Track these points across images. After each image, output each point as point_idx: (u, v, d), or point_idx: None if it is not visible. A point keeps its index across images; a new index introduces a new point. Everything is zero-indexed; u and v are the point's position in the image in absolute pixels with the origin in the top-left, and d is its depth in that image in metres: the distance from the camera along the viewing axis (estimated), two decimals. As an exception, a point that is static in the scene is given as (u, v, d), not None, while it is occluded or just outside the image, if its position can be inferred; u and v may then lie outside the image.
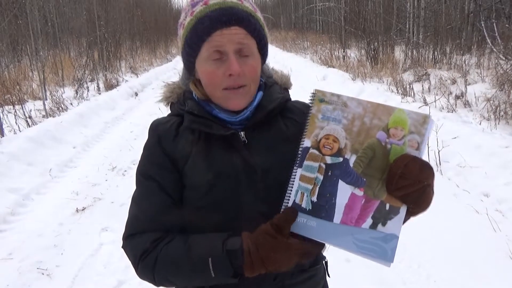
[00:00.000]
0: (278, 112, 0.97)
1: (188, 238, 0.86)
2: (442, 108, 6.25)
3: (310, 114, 0.80)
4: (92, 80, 10.07)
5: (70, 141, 5.62)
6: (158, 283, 0.88)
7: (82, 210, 3.68)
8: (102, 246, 3.07)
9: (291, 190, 0.80)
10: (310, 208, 0.78)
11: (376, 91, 7.85)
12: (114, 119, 7.30)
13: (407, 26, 12.41)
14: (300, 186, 0.79)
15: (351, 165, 0.77)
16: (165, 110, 1.03)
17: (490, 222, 3.08)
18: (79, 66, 9.91)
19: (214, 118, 0.92)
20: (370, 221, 0.75)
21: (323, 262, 1.05)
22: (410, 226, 0.87)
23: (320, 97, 0.80)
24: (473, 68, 8.50)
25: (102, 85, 9.86)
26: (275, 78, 1.03)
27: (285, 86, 1.04)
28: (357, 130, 0.77)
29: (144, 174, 0.94)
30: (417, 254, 2.74)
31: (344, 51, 13.57)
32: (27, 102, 7.77)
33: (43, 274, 2.75)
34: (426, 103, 6.47)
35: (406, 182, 0.72)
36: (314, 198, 0.78)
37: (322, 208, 0.77)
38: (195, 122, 0.91)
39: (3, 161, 4.35)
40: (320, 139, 0.79)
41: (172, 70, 14.43)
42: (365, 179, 0.76)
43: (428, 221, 0.74)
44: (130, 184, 3.21)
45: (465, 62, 8.68)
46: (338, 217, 0.77)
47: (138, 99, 9.27)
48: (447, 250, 2.79)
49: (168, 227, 0.89)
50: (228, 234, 0.82)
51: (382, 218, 0.75)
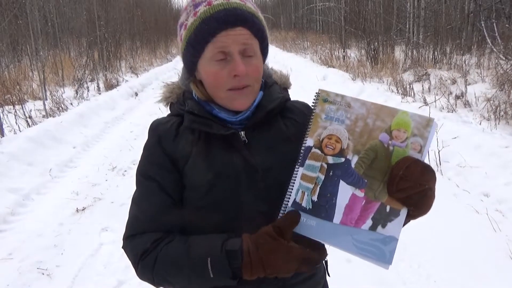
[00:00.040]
0: (278, 112, 0.97)
1: (188, 238, 0.85)
2: (442, 108, 6.25)
3: (313, 114, 0.80)
4: (92, 80, 10.07)
5: (70, 141, 5.61)
6: (157, 284, 0.88)
7: (82, 210, 3.68)
8: (102, 246, 3.07)
9: (292, 189, 0.80)
10: (310, 207, 0.78)
11: (376, 91, 7.84)
12: (114, 119, 7.29)
13: (407, 26, 12.41)
14: (301, 185, 0.79)
15: (353, 166, 0.76)
16: (165, 110, 1.03)
17: (490, 222, 3.08)
18: (79, 66, 9.90)
19: (214, 117, 0.92)
20: (370, 222, 0.75)
21: (323, 261, 1.05)
22: (411, 226, 0.87)
23: (324, 97, 0.80)
24: (473, 68, 8.49)
25: (102, 85, 9.85)
26: (275, 78, 1.03)
27: (284, 86, 1.04)
28: (360, 131, 0.77)
29: (144, 174, 0.94)
30: (417, 254, 2.74)
31: (344, 51, 13.56)
32: (27, 102, 7.77)
33: (43, 274, 2.75)
34: (426, 103, 6.47)
35: (407, 184, 0.71)
36: (315, 198, 0.78)
37: (322, 208, 0.77)
38: (196, 121, 0.91)
39: (3, 161, 4.35)
40: (322, 139, 0.79)
41: (172, 70, 14.42)
42: (366, 180, 0.75)
43: (428, 221, 0.74)
44: (130, 184, 3.21)
45: (465, 62, 8.68)
46: (338, 217, 0.76)
47: (138, 99, 9.26)
48: (447, 250, 2.79)
49: (168, 228, 0.89)
50: (228, 235, 0.82)
51: (382, 220, 0.75)
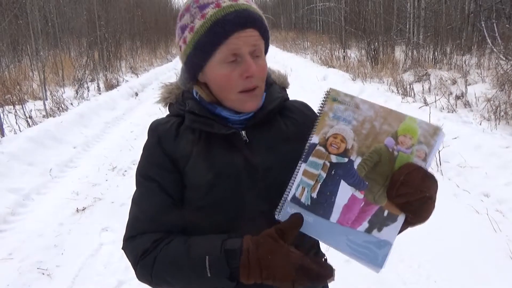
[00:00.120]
0: (277, 111, 0.97)
1: (188, 238, 0.85)
2: (443, 108, 6.25)
3: (322, 111, 0.80)
4: (92, 80, 10.07)
5: (70, 141, 5.62)
6: (155, 285, 0.87)
7: (82, 210, 3.68)
8: (102, 246, 3.07)
9: (293, 183, 0.80)
10: (309, 203, 0.78)
11: (376, 91, 7.84)
12: (114, 119, 7.30)
13: (407, 26, 12.41)
14: (302, 181, 0.79)
15: (355, 167, 0.76)
16: (165, 110, 1.03)
17: (490, 222, 3.08)
18: (80, 66, 9.91)
19: (215, 117, 0.92)
20: (366, 224, 0.75)
21: (323, 259, 1.05)
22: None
23: (333, 96, 0.80)
24: (473, 68, 8.49)
25: (102, 85, 9.86)
26: (273, 78, 1.03)
27: (282, 86, 1.04)
28: (366, 133, 0.77)
29: (144, 174, 0.93)
30: (417, 254, 2.74)
31: (344, 51, 13.56)
32: (28, 102, 7.78)
33: (43, 274, 2.75)
34: (426, 104, 6.46)
35: (407, 190, 0.71)
36: (314, 195, 0.78)
37: (321, 205, 0.77)
38: (197, 121, 0.91)
39: (4, 161, 4.35)
40: (328, 137, 0.79)
41: (172, 70, 14.43)
42: (367, 183, 0.75)
43: (428, 221, 0.74)
44: (130, 184, 3.21)
45: (465, 62, 8.67)
46: (335, 216, 0.76)
47: (138, 99, 9.27)
48: (447, 250, 2.79)
49: (168, 228, 0.89)
50: (229, 235, 0.81)
51: (378, 223, 0.74)
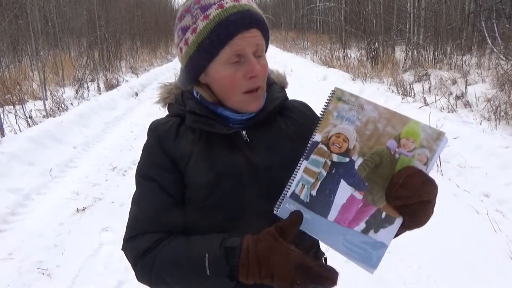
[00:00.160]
0: (277, 111, 0.98)
1: (189, 237, 0.85)
2: (443, 108, 6.25)
3: (326, 110, 0.80)
4: (92, 80, 10.07)
5: (70, 141, 5.62)
6: (155, 285, 0.87)
7: (83, 210, 3.68)
8: (102, 246, 3.07)
9: (293, 180, 0.80)
10: (308, 201, 0.78)
11: (376, 91, 7.84)
12: (115, 119, 7.30)
13: (408, 26, 12.40)
14: (302, 178, 0.79)
15: (356, 167, 0.76)
16: (165, 110, 1.03)
17: (491, 222, 3.08)
18: (80, 66, 9.91)
19: (216, 117, 0.92)
20: (363, 225, 0.75)
21: (323, 258, 1.05)
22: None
23: (338, 95, 0.80)
24: (473, 68, 8.49)
25: (102, 85, 9.86)
26: (272, 77, 1.04)
27: (281, 85, 1.05)
28: (368, 134, 0.77)
29: (144, 175, 0.93)
30: (417, 254, 2.74)
31: (344, 51, 13.56)
32: (28, 102, 7.77)
33: (43, 274, 2.75)
34: (426, 104, 6.46)
35: (405, 193, 0.71)
36: (314, 192, 0.78)
37: (319, 203, 0.78)
38: (198, 121, 0.91)
39: (4, 161, 4.35)
40: (330, 136, 0.79)
41: (172, 70, 14.44)
42: (367, 184, 0.76)
43: (428, 221, 0.74)
44: (130, 184, 3.21)
45: (465, 62, 8.67)
46: (333, 215, 0.77)
47: (138, 99, 9.27)
48: (447, 250, 2.79)
49: (169, 228, 0.88)
50: (229, 234, 0.81)
51: (375, 225, 0.75)
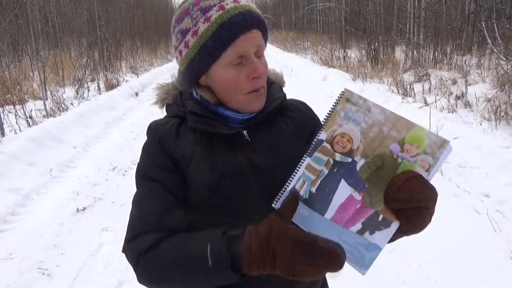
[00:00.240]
0: (277, 110, 0.98)
1: (191, 233, 0.84)
2: (443, 108, 6.25)
3: (334, 110, 0.82)
4: (92, 80, 10.08)
5: (70, 141, 5.62)
6: (155, 284, 0.85)
7: (83, 210, 3.68)
8: (103, 246, 3.07)
9: (294, 176, 0.81)
10: (307, 197, 0.79)
11: (376, 92, 7.84)
12: (115, 119, 7.30)
13: (408, 27, 12.40)
14: (304, 174, 0.80)
15: (358, 168, 0.77)
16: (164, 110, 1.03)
17: (491, 222, 3.08)
18: (80, 66, 9.92)
19: (217, 117, 0.92)
20: (359, 226, 0.76)
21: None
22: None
23: (347, 96, 0.81)
24: (473, 68, 8.49)
25: (102, 85, 9.86)
26: (270, 77, 1.04)
27: (279, 85, 1.05)
28: (373, 136, 0.78)
29: (144, 175, 0.92)
30: (417, 254, 2.74)
31: (344, 52, 13.56)
32: (28, 102, 7.78)
33: (44, 274, 2.75)
34: (426, 104, 6.47)
35: (403, 195, 0.71)
36: (313, 189, 0.79)
37: (318, 200, 0.78)
38: (199, 122, 0.91)
39: (4, 161, 4.36)
40: (335, 136, 0.80)
41: (172, 70, 14.23)
42: (367, 185, 0.76)
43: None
44: (130, 184, 3.21)
45: (465, 62, 8.67)
46: (330, 213, 0.77)
47: (138, 99, 9.27)
48: (448, 250, 2.79)
49: (171, 228, 0.87)
50: (232, 226, 0.80)
51: (371, 227, 0.75)
